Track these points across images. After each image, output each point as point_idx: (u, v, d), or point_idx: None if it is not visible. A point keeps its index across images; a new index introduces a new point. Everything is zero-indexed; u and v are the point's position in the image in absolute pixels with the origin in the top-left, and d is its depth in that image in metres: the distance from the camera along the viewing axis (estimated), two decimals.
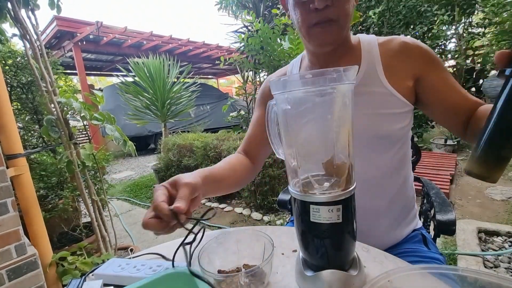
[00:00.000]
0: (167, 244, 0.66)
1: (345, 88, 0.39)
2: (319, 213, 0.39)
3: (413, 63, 0.63)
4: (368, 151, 0.63)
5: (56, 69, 2.03)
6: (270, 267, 0.47)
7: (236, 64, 3.53)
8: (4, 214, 1.15)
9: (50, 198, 1.77)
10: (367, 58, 0.64)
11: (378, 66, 0.63)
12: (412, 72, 0.63)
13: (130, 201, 3.39)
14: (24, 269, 1.19)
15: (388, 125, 0.62)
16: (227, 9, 5.47)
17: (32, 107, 1.98)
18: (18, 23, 1.33)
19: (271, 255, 0.45)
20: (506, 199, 2.38)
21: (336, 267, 0.41)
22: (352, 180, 0.41)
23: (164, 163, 3.50)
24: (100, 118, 1.44)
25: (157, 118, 4.31)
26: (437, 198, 0.77)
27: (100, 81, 13.77)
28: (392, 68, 0.63)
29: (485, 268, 1.50)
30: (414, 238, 0.72)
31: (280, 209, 1.05)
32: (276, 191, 2.48)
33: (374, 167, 0.65)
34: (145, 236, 2.41)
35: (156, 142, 5.92)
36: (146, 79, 4.10)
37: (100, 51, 6.64)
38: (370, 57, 0.64)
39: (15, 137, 1.30)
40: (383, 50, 0.64)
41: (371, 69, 0.63)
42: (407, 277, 0.37)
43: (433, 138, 4.21)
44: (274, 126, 0.48)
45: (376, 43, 0.66)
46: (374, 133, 0.62)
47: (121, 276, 0.51)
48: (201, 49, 7.54)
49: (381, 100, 0.62)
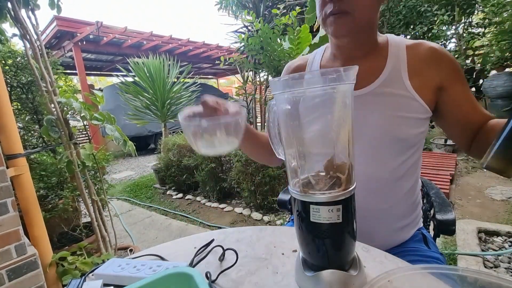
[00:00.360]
0: (167, 244, 0.66)
1: (345, 88, 0.39)
2: (319, 213, 0.39)
3: (440, 71, 0.62)
4: (383, 153, 0.63)
5: (56, 69, 2.03)
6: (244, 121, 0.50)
7: (236, 64, 3.53)
8: (4, 214, 1.15)
9: (50, 198, 1.77)
10: (393, 60, 0.64)
11: (404, 69, 0.62)
12: (437, 80, 0.62)
13: (130, 201, 3.39)
14: (24, 269, 1.19)
15: (407, 128, 0.62)
16: (227, 9, 5.46)
17: (32, 107, 1.97)
18: (18, 23, 1.33)
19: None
20: (506, 199, 2.38)
21: (336, 267, 0.41)
22: (352, 180, 0.41)
23: (164, 163, 3.50)
24: (100, 118, 1.44)
25: (157, 118, 4.31)
26: (437, 198, 0.77)
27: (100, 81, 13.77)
28: (418, 73, 0.62)
29: (485, 268, 1.50)
30: (415, 237, 0.72)
31: (280, 209, 1.05)
32: (276, 191, 2.48)
33: (387, 168, 0.64)
34: (145, 236, 2.41)
35: (156, 142, 5.92)
36: (146, 79, 4.10)
37: (100, 51, 6.63)
38: (396, 59, 0.63)
39: (15, 137, 1.30)
40: (411, 54, 0.63)
41: (396, 71, 0.63)
42: (407, 277, 0.37)
43: (433, 138, 4.21)
44: (274, 126, 0.48)
45: (404, 45, 0.65)
46: (392, 135, 0.62)
47: (121, 276, 0.51)
48: (201, 49, 7.54)
49: (402, 103, 0.62)
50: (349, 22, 0.58)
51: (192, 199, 3.20)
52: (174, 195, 3.39)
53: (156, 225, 2.62)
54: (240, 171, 2.54)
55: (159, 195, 3.52)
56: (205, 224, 2.55)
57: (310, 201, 0.40)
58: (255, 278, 0.50)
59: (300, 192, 0.41)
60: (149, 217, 2.85)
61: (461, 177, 3.03)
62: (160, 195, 3.53)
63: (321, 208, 0.39)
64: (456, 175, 3.04)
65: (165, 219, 2.76)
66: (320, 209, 0.39)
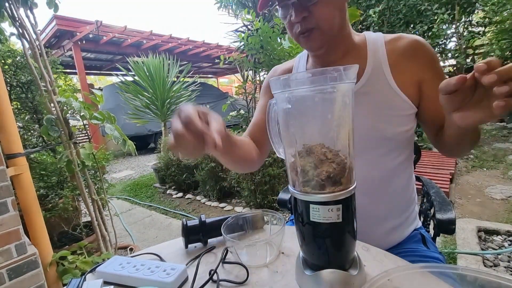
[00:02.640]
0: (166, 244, 0.66)
1: (346, 88, 0.39)
2: (319, 212, 0.39)
3: (419, 64, 0.61)
4: (372, 152, 0.63)
5: (55, 69, 2.03)
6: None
7: (236, 63, 3.52)
8: (4, 214, 1.15)
9: (50, 198, 1.77)
10: (373, 57, 0.62)
11: (385, 65, 0.61)
12: (418, 73, 0.61)
13: (130, 201, 3.39)
14: (24, 268, 1.19)
15: (393, 127, 0.61)
16: (227, 8, 5.46)
17: (32, 107, 1.97)
18: (16, 22, 1.33)
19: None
20: (506, 198, 2.38)
21: (336, 266, 0.41)
22: (352, 180, 0.41)
23: (164, 162, 3.50)
24: (100, 117, 1.44)
25: (157, 118, 4.31)
26: (437, 197, 0.77)
27: (99, 81, 13.76)
28: (399, 68, 0.61)
29: (484, 267, 1.50)
30: (414, 238, 0.71)
31: (280, 208, 1.05)
32: (276, 190, 2.48)
33: (377, 168, 0.64)
34: (145, 236, 2.42)
35: (156, 141, 5.91)
36: (145, 78, 4.09)
37: (100, 50, 6.62)
38: (376, 56, 0.62)
39: (15, 136, 1.30)
40: (390, 49, 0.62)
41: (377, 68, 0.61)
42: (407, 276, 0.37)
43: None
44: (275, 125, 0.48)
45: (383, 41, 0.64)
46: (379, 135, 0.61)
47: (121, 275, 0.51)
48: (201, 48, 7.53)
49: (387, 101, 0.61)
50: (318, 36, 0.59)
51: (192, 198, 3.21)
52: (174, 194, 3.39)
53: (156, 224, 2.62)
54: None
55: (159, 194, 3.52)
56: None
57: (310, 200, 0.40)
58: (255, 277, 0.50)
59: (300, 192, 0.41)
60: (149, 216, 2.85)
61: (461, 176, 3.03)
62: (160, 194, 3.54)
63: (321, 207, 0.39)
64: (456, 174, 3.05)
65: (165, 218, 2.76)
66: (320, 208, 0.39)
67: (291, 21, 0.59)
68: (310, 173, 0.40)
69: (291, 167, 0.43)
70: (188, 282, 0.49)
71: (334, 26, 0.59)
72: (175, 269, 0.50)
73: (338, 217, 0.39)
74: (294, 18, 0.57)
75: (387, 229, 0.68)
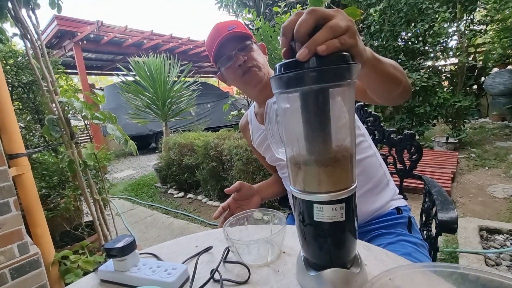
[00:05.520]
0: (165, 244, 0.66)
1: (346, 86, 0.38)
2: (323, 212, 0.39)
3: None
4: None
5: (57, 69, 2.03)
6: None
7: None
8: (6, 214, 1.15)
9: (52, 197, 1.78)
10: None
11: None
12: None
13: (132, 200, 3.40)
14: (26, 268, 1.20)
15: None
16: (227, 8, 5.45)
17: (34, 107, 1.98)
18: (18, 23, 1.33)
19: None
20: (508, 197, 2.37)
21: (338, 265, 0.41)
22: (353, 178, 0.41)
23: (165, 162, 3.50)
24: (101, 117, 1.44)
25: (158, 117, 4.31)
26: (438, 196, 0.77)
27: (101, 81, 13.79)
28: None
29: (486, 266, 1.50)
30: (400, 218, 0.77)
31: (281, 208, 1.05)
32: None
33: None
34: (146, 235, 2.42)
35: (157, 141, 5.92)
36: (146, 78, 4.10)
37: (101, 51, 6.64)
38: None
39: (16, 136, 1.30)
40: None
41: None
42: (408, 275, 0.37)
43: (435, 136, 4.19)
44: (274, 125, 0.48)
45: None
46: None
47: (122, 275, 0.52)
48: (201, 48, 7.54)
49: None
50: (257, 72, 0.79)
51: (193, 198, 3.21)
52: (175, 194, 3.40)
53: (157, 224, 2.63)
54: (241, 170, 2.54)
55: (161, 194, 3.53)
56: (206, 223, 2.55)
57: (314, 200, 0.39)
58: (256, 277, 0.50)
59: (302, 192, 0.41)
60: (150, 216, 2.86)
61: (462, 175, 3.03)
62: (161, 194, 3.54)
63: (325, 207, 0.39)
64: (458, 173, 3.04)
65: (167, 218, 2.76)
66: (324, 208, 0.39)
67: (235, 67, 0.78)
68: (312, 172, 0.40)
69: (292, 166, 0.43)
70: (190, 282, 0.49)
71: (264, 65, 0.81)
72: (176, 268, 0.50)
73: (341, 215, 0.39)
74: (238, 62, 0.77)
75: (359, 194, 0.74)
